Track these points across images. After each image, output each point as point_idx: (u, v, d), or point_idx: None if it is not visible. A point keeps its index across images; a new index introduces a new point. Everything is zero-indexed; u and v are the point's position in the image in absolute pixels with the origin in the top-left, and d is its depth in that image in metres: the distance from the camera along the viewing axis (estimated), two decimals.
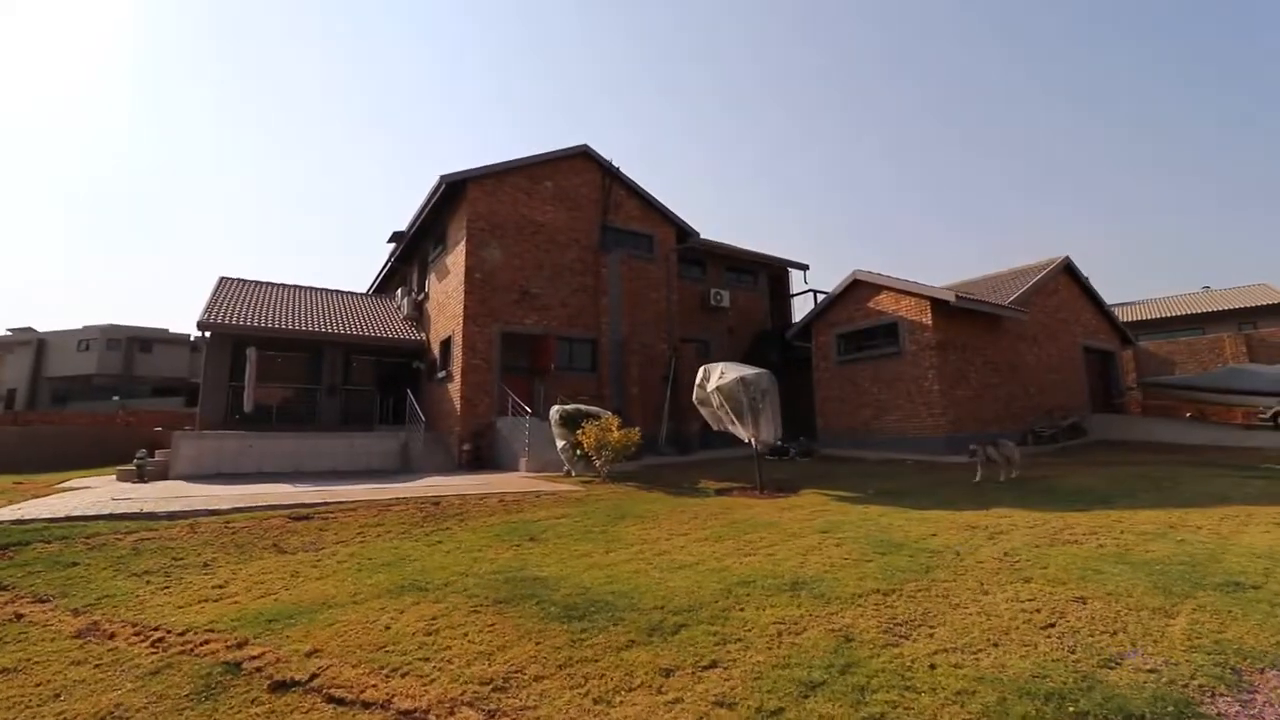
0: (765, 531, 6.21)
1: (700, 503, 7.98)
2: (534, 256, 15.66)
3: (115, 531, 5.79)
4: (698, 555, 5.33)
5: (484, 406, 14.34)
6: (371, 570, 4.95)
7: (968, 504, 7.72)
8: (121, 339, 37.05)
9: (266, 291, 18.21)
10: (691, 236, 18.54)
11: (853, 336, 15.92)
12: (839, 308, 16.23)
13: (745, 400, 8.76)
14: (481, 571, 4.90)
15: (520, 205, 15.70)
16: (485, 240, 14.98)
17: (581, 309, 16.18)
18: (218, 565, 5.07)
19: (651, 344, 16.92)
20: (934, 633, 3.58)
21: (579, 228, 16.53)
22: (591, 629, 3.69)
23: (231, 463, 12.94)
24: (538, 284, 15.59)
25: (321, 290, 19.91)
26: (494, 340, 14.72)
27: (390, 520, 6.67)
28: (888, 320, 15.06)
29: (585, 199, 16.80)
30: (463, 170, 14.80)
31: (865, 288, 15.65)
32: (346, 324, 17.07)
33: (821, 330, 16.62)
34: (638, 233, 17.66)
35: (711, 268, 20.75)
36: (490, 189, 15.30)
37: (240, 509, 6.78)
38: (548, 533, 6.28)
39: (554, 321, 15.66)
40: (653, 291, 17.50)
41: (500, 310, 14.94)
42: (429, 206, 15.82)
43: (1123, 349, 20.65)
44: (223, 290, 17.20)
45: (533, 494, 8.40)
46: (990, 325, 15.54)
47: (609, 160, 17.07)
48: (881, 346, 15.17)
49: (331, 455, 13.97)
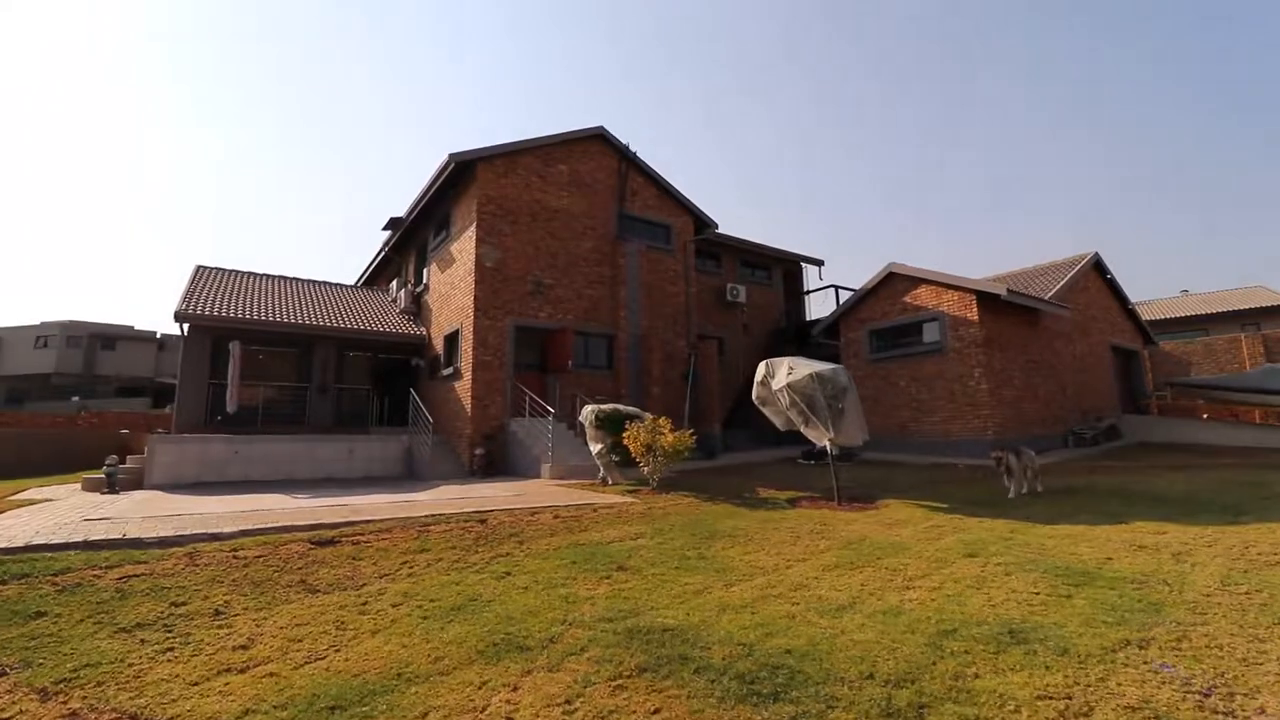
0: (899, 556, 5.17)
1: (783, 516, 6.92)
2: (547, 245, 14.47)
3: (92, 565, 4.52)
4: (845, 590, 4.26)
5: (496, 407, 13.10)
6: (441, 618, 3.78)
7: (1086, 515, 6.79)
8: (82, 336, 34.77)
9: (248, 282, 16.69)
10: (710, 227, 17.50)
11: (887, 333, 15.03)
12: (872, 302, 15.33)
13: (823, 399, 7.73)
14: (586, 618, 3.76)
15: (533, 189, 14.49)
16: (496, 226, 13.75)
17: (598, 302, 15.03)
18: (234, 612, 3.85)
19: (670, 340, 15.83)
20: (1260, 704, 2.61)
21: (595, 215, 15.38)
22: (805, 716, 2.60)
23: (216, 470, 11.52)
24: (551, 275, 14.40)
25: (308, 281, 18.41)
26: (507, 335, 13.49)
27: (435, 544, 5.47)
28: (928, 315, 14.19)
29: (601, 185, 15.66)
30: (472, 149, 13.55)
31: (902, 281, 14.77)
32: (339, 317, 15.67)
33: (852, 326, 15.71)
34: (654, 222, 16.56)
35: (727, 262, 19.75)
36: (501, 170, 14.07)
37: (247, 532, 5.52)
38: (633, 558, 5.15)
39: (569, 315, 14.48)
40: (670, 285, 16.42)
41: (512, 302, 13.71)
42: (433, 189, 14.53)
43: (1144, 348, 20.15)
44: (201, 280, 15.67)
45: (585, 507, 7.24)
46: (1031, 322, 14.79)
47: (625, 144, 15.96)
48: (920, 343, 14.30)
49: (327, 461, 12.61)
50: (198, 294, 14.42)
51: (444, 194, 14.97)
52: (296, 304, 15.89)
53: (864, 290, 15.38)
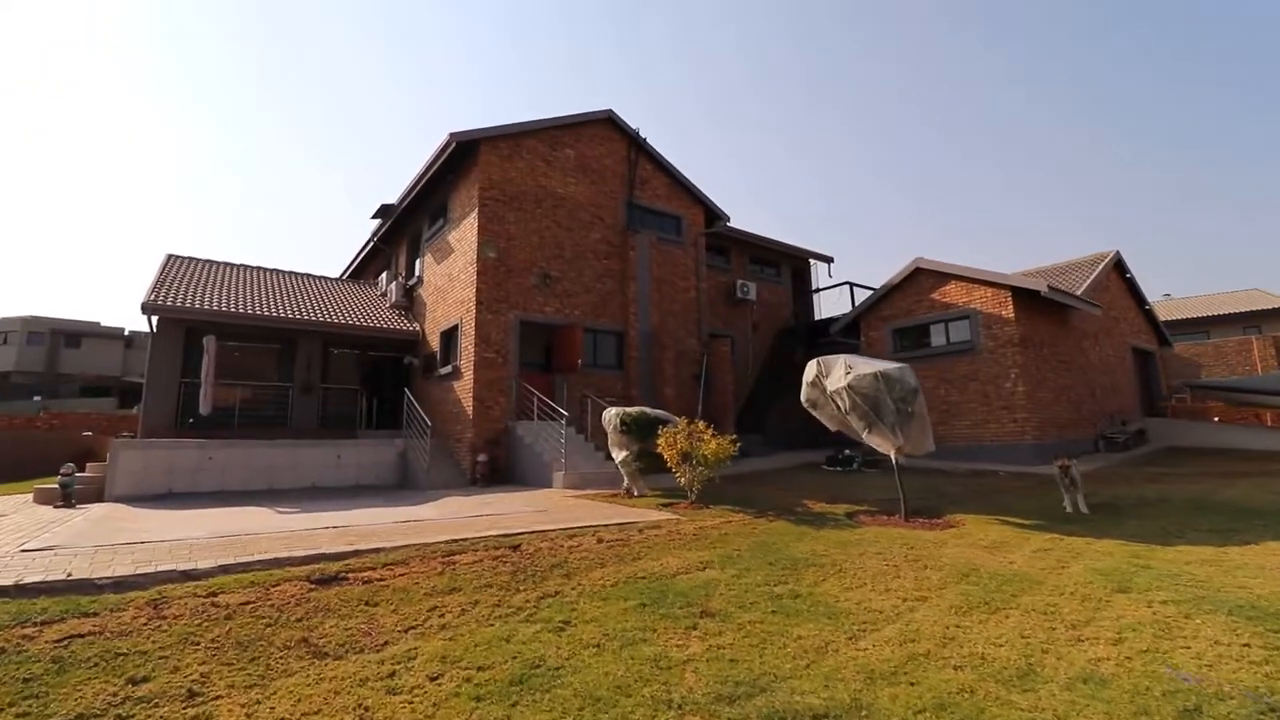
0: (1034, 592, 4.26)
1: (858, 537, 6.00)
2: (554, 235, 13.45)
3: (23, 620, 3.44)
4: (1007, 645, 3.34)
5: (500, 408, 12.04)
6: (501, 699, 2.78)
7: (1195, 534, 5.97)
8: (45, 331, 32.88)
9: (224, 272, 15.42)
10: (721, 220, 16.60)
11: (913, 331, 14.25)
12: (896, 299, 14.53)
13: (890, 401, 6.83)
14: (697, 697, 2.79)
15: (539, 174, 13.46)
16: (499, 213, 12.70)
17: (606, 297, 14.03)
18: (214, 693, 2.81)
19: (681, 339, 14.89)
20: None
21: (603, 204, 14.39)
22: None
23: (187, 479, 10.34)
24: (558, 267, 13.38)
25: (289, 273, 17.16)
26: (511, 330, 12.44)
27: (466, 580, 4.45)
28: (958, 313, 13.43)
29: (610, 172, 14.67)
30: (475, 129, 12.49)
31: (929, 277, 13.99)
32: (324, 311, 14.48)
33: (874, 324, 14.90)
34: (664, 213, 15.61)
35: (735, 257, 18.85)
36: (506, 153, 13.02)
37: (228, 567, 4.45)
38: (714, 598, 4.19)
39: (577, 310, 13.47)
40: (681, 280, 15.48)
41: (516, 296, 12.67)
42: (430, 172, 13.42)
43: (1160, 350, 19.66)
44: (172, 269, 14.38)
45: (627, 528, 6.26)
46: (1062, 322, 14.10)
47: (635, 129, 15.00)
48: (950, 343, 13.53)
49: (313, 468, 11.47)
50: (168, 284, 13.15)
51: (441, 179, 13.87)
52: (278, 296, 14.67)
53: (888, 286, 14.57)
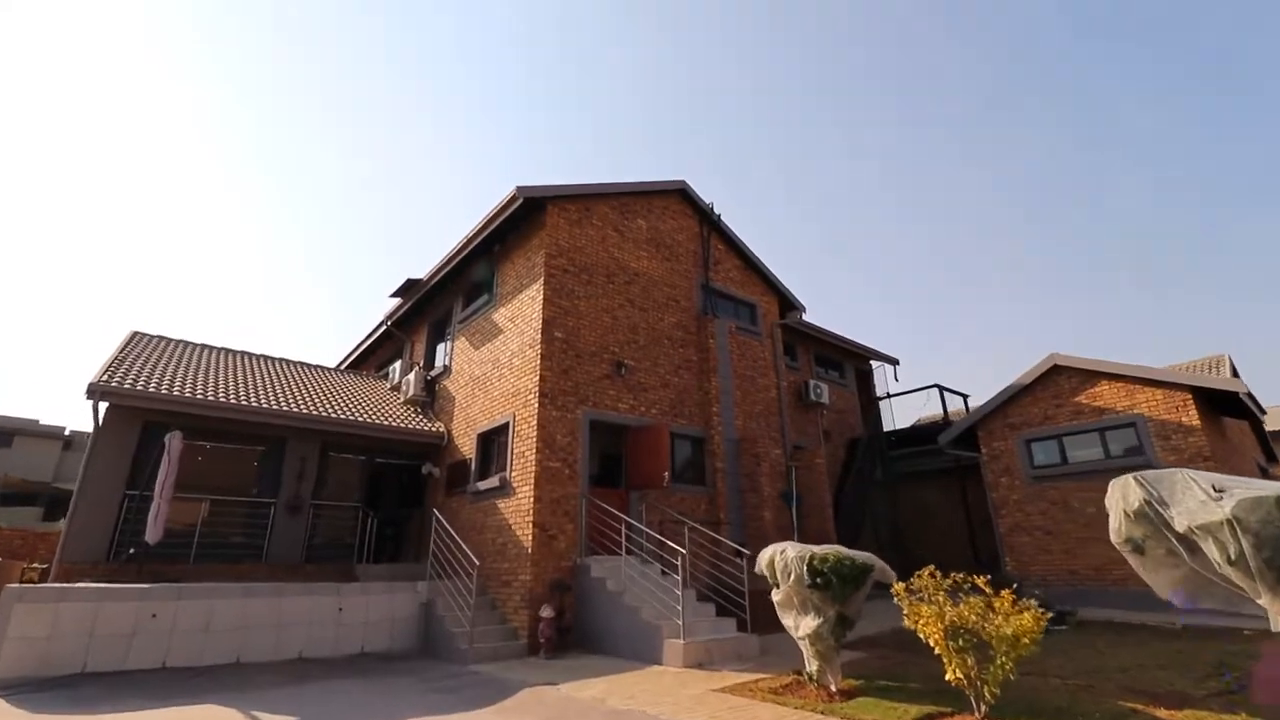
0: None
1: None
2: (627, 315, 10.95)
3: None
4: None
5: (567, 538, 8.91)
6: None
7: None
8: None
9: (200, 355, 12.38)
10: (796, 310, 14.41)
11: (1053, 441, 11.74)
12: (1026, 403, 12.14)
13: None
14: None
15: (610, 244, 11.17)
16: (567, 285, 10.22)
17: (684, 393, 11.36)
18: None
19: (767, 447, 12.09)
20: None
21: (677, 284, 12.07)
22: None
23: (116, 649, 6.86)
24: (632, 354, 10.77)
25: (279, 360, 14.19)
26: (580, 432, 9.56)
27: None
28: (1116, 420, 11.04)
29: (682, 249, 12.50)
30: (542, 185, 10.28)
31: (1070, 376, 11.71)
32: (323, 404, 11.45)
33: (999, 433, 12.38)
34: (738, 299, 13.36)
35: (802, 354, 16.54)
36: (575, 218, 10.77)
37: None
38: None
39: (654, 408, 10.72)
40: (761, 376, 12.95)
41: (586, 388, 9.92)
42: (481, 236, 11.00)
43: (1271, 467, 17.49)
44: (134, 348, 11.33)
45: None
46: (1223, 433, 11.82)
47: (709, 204, 13.05)
48: (1110, 456, 11.03)
49: (301, 626, 8.04)
50: (127, 364, 10.10)
51: (488, 246, 11.47)
52: (266, 386, 11.64)
53: (1014, 388, 12.21)
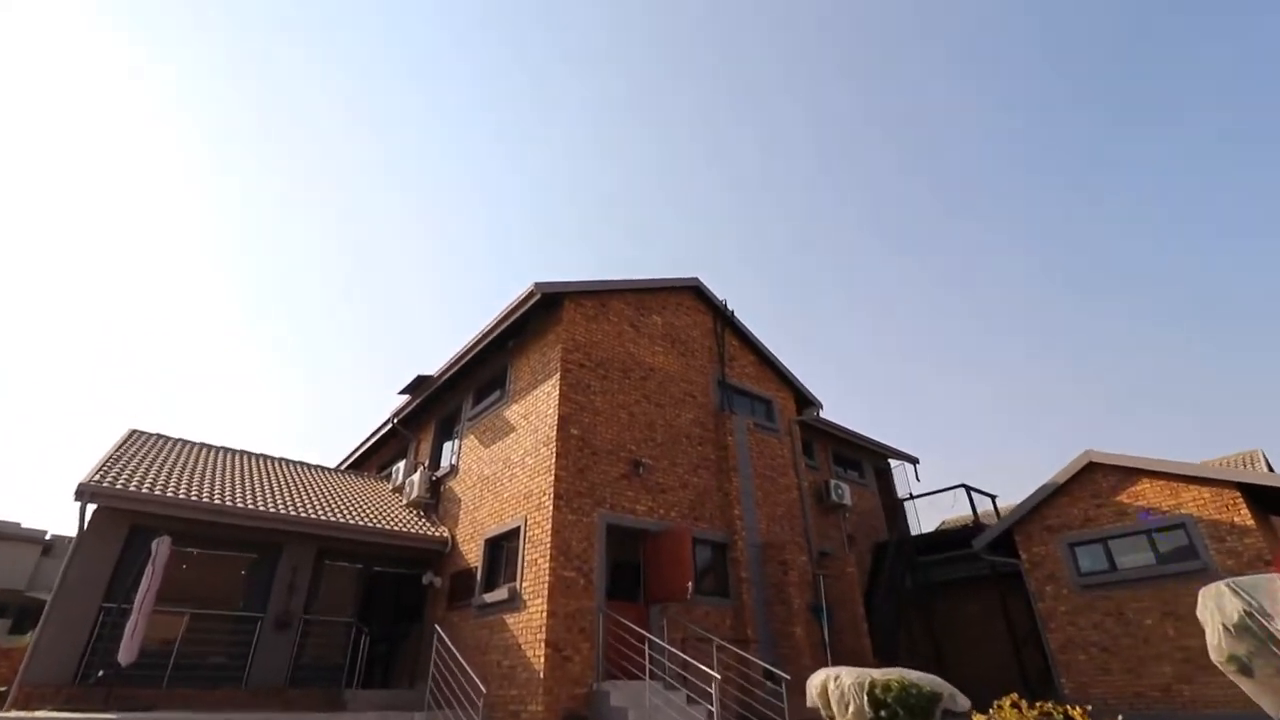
0: None
1: None
2: (644, 412, 10.60)
3: None
4: None
5: (583, 658, 8.05)
6: None
7: None
8: None
9: (196, 455, 11.89)
10: (813, 408, 14.08)
11: (1099, 545, 11.01)
12: (1063, 504, 11.51)
13: None
14: None
15: (626, 340, 11.01)
16: (583, 380, 9.94)
17: (704, 494, 10.78)
18: None
19: (793, 554, 11.32)
20: None
21: (693, 380, 11.81)
22: None
23: None
24: (649, 453, 10.31)
25: (280, 460, 13.66)
26: (597, 537, 8.92)
27: None
28: (1163, 522, 10.39)
29: (697, 344, 12.35)
30: (560, 281, 10.26)
31: (1107, 474, 11.16)
32: (322, 508, 10.83)
33: (1038, 537, 11.65)
34: (754, 394, 13.05)
35: (819, 452, 16.01)
36: (592, 313, 10.68)
37: None
38: None
39: (673, 511, 10.12)
40: (781, 475, 12.39)
41: (602, 489, 9.38)
42: (497, 331, 10.87)
43: None
44: (131, 447, 10.88)
45: None
46: (1274, 532, 11.12)
47: (722, 300, 13.06)
48: (1161, 560, 10.29)
49: None
50: (122, 464, 9.61)
51: (502, 342, 11.31)
52: (264, 487, 11.07)
53: (1050, 488, 11.62)
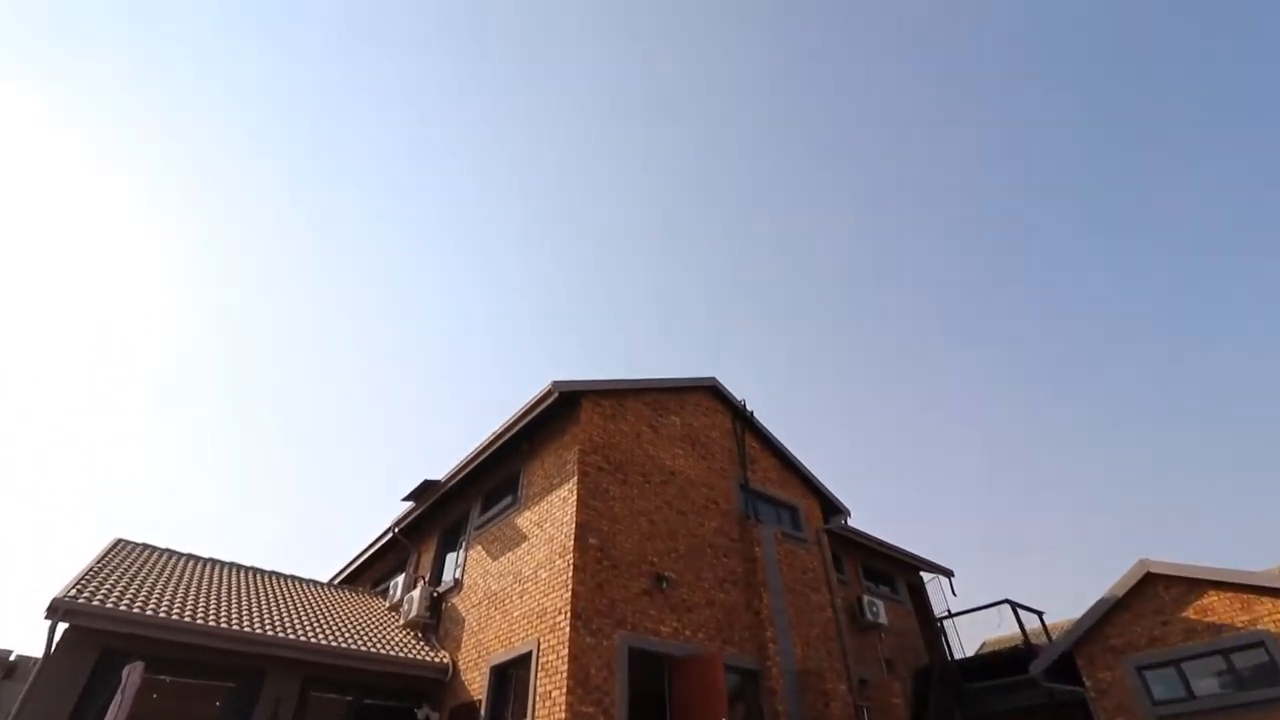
0: None
1: None
2: (665, 519, 9.92)
3: None
4: None
5: None
6: None
7: None
8: None
9: (180, 567, 11.03)
10: (841, 515, 13.30)
11: (1171, 668, 9.89)
12: (1126, 620, 10.49)
13: None
14: None
15: (645, 441, 10.53)
16: (601, 485, 9.36)
17: (733, 612, 9.85)
18: None
19: (834, 684, 10.15)
20: None
21: (715, 484, 11.20)
22: None
23: None
24: (672, 565, 9.52)
25: (270, 574, 12.73)
26: (618, 664, 7.97)
27: None
28: (1239, 640, 9.39)
29: (717, 446, 11.84)
30: (576, 380, 9.95)
31: (1169, 586, 10.24)
32: (310, 628, 9.88)
33: (1101, 660, 10.52)
34: (779, 500, 12.36)
35: (848, 565, 14.96)
36: (609, 413, 10.28)
37: None
38: None
39: (700, 632, 9.17)
40: (814, 592, 11.43)
41: (623, 606, 8.54)
42: (512, 432, 10.41)
43: None
44: (114, 558, 10.10)
45: None
46: None
47: (741, 400, 12.71)
48: (1244, 686, 9.18)
49: None
50: (101, 578, 8.84)
51: (516, 444, 10.82)
52: (246, 603, 10.17)
53: (1107, 603, 10.63)
